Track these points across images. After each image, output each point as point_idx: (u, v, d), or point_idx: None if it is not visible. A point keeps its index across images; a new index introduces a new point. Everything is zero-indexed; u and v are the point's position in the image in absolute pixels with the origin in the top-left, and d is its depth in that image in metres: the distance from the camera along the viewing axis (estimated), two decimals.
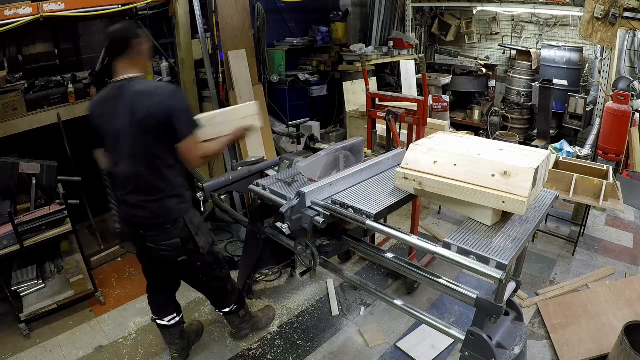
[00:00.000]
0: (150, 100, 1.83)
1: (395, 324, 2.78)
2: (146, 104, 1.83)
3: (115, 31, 1.92)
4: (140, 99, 1.84)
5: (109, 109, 1.91)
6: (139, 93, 1.86)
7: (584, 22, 4.54)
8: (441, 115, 5.50)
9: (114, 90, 1.92)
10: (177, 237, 2.03)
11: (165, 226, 2.00)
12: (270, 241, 2.51)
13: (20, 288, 2.81)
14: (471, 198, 1.63)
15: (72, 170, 3.15)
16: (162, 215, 1.98)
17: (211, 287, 2.41)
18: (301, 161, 2.17)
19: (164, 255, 2.07)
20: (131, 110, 1.84)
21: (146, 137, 1.86)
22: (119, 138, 1.90)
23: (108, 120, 1.92)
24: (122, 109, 1.86)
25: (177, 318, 2.42)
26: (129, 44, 1.89)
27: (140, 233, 2.04)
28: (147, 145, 1.88)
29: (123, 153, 1.92)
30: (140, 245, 2.13)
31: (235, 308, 2.51)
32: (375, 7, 6.05)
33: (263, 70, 4.86)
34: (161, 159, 1.92)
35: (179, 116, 1.85)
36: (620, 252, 3.52)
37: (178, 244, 2.04)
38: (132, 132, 1.86)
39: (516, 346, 1.72)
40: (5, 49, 3.40)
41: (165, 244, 2.03)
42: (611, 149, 4.46)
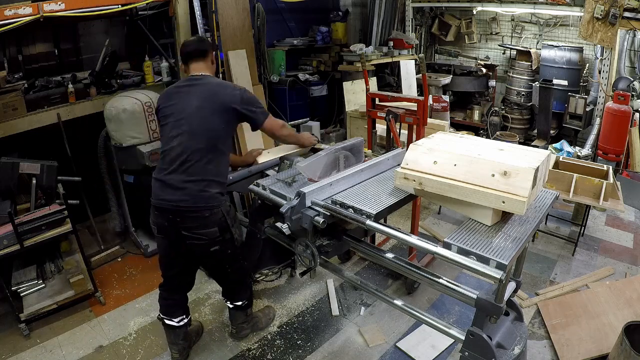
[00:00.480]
0: (227, 91, 2.13)
1: (395, 324, 2.78)
2: (224, 93, 2.11)
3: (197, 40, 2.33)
4: (219, 88, 2.14)
5: (183, 94, 2.13)
6: (217, 83, 2.18)
7: (584, 22, 4.54)
8: (441, 115, 5.50)
9: (190, 81, 2.17)
10: (215, 226, 2.08)
11: (205, 214, 2.04)
12: (270, 241, 2.51)
13: (20, 288, 2.81)
14: (471, 198, 1.63)
15: (72, 170, 3.15)
16: (202, 200, 2.02)
17: (233, 278, 2.43)
18: (301, 161, 2.17)
19: (198, 244, 2.10)
20: (208, 96, 2.09)
21: (215, 120, 2.06)
22: (186, 116, 2.07)
23: (179, 101, 2.11)
24: (198, 94, 2.10)
25: (186, 319, 2.43)
26: (209, 52, 2.25)
27: (175, 221, 2.05)
28: (213, 127, 2.06)
29: (186, 129, 2.05)
30: (172, 234, 2.12)
31: (246, 304, 2.53)
32: (375, 7, 6.05)
33: (263, 70, 4.87)
34: (219, 143, 2.09)
35: (254, 108, 2.17)
36: (620, 252, 3.52)
37: (216, 232, 2.09)
38: (203, 113, 2.06)
39: (516, 346, 1.72)
40: (5, 49, 3.40)
41: (203, 232, 2.07)
42: (611, 149, 4.46)
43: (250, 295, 2.56)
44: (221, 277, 2.47)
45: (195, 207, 2.03)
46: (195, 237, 2.08)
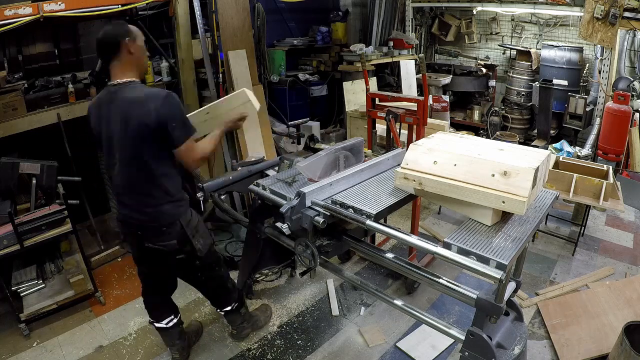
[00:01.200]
0: (142, 108, 1.79)
1: (395, 324, 2.78)
2: (138, 112, 1.80)
3: (103, 33, 1.86)
4: (132, 107, 1.81)
5: (104, 114, 1.91)
6: (131, 101, 1.82)
7: (584, 22, 4.54)
8: (441, 115, 5.50)
9: (108, 95, 1.90)
10: (173, 239, 2.03)
11: (162, 229, 2.00)
12: (270, 241, 2.51)
13: (20, 288, 2.81)
14: (471, 198, 1.63)
15: (72, 170, 3.15)
16: (157, 219, 1.99)
17: (210, 286, 2.42)
18: (301, 161, 2.17)
19: (161, 253, 2.08)
20: (124, 118, 1.83)
21: (139, 145, 1.84)
22: (112, 144, 1.91)
23: (103, 125, 1.92)
24: (115, 116, 1.86)
25: (175, 319, 2.41)
26: (119, 45, 1.84)
27: (137, 234, 2.05)
28: (140, 154, 1.86)
29: (119, 157, 1.91)
30: (138, 245, 2.12)
31: (236, 306, 2.52)
32: (375, 7, 6.05)
33: (263, 70, 4.86)
34: (154, 167, 1.90)
35: (172, 123, 1.82)
36: (620, 252, 3.51)
37: (175, 245, 2.04)
38: (125, 140, 1.85)
39: (516, 346, 1.72)
40: (5, 49, 3.40)
41: (163, 244, 2.03)
42: (611, 149, 4.46)
43: (238, 297, 2.53)
44: (199, 286, 2.44)
45: (152, 225, 2.00)
46: (158, 247, 2.05)
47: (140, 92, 1.85)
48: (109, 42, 1.85)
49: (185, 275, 2.37)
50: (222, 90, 3.72)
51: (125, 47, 1.86)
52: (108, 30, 1.88)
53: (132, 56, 1.89)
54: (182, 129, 1.86)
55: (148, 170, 1.90)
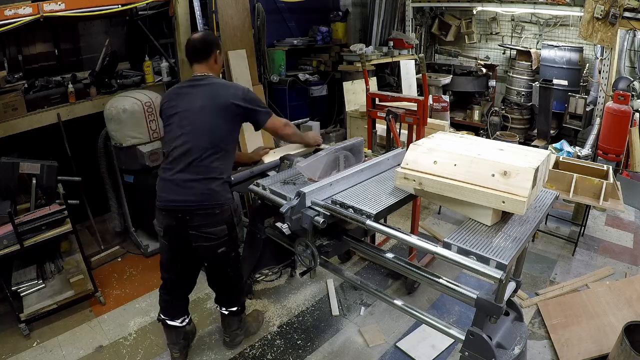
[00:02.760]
0: (229, 91, 2.13)
1: (395, 324, 2.78)
2: (226, 92, 2.11)
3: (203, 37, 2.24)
4: (221, 88, 2.14)
5: (186, 92, 2.14)
6: (220, 84, 2.17)
7: (584, 22, 4.54)
8: (441, 115, 5.50)
9: (192, 81, 2.17)
10: (223, 224, 2.09)
11: (215, 211, 2.05)
12: (270, 241, 2.51)
13: (20, 288, 2.81)
14: (471, 198, 1.63)
15: (72, 170, 3.15)
16: (209, 198, 2.03)
17: (232, 283, 2.41)
18: (301, 161, 2.17)
19: (205, 245, 2.10)
20: (211, 95, 2.09)
21: (218, 118, 2.07)
22: (189, 116, 2.07)
23: (183, 101, 2.11)
24: (201, 94, 2.10)
25: (187, 319, 2.43)
26: (211, 52, 2.20)
27: (184, 220, 2.05)
28: (216, 125, 2.06)
29: (190, 128, 2.05)
30: (179, 235, 2.12)
31: (239, 309, 2.51)
32: (375, 7, 6.05)
33: (263, 70, 4.86)
34: (223, 141, 2.09)
35: (256, 107, 2.17)
36: (620, 252, 3.52)
37: (224, 230, 2.10)
38: (206, 112, 2.06)
39: (516, 346, 1.72)
40: (5, 49, 3.40)
41: (212, 230, 2.07)
42: (611, 149, 4.46)
43: (244, 301, 2.54)
44: (221, 281, 2.43)
45: (204, 205, 2.03)
46: (204, 236, 2.08)
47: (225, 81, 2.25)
48: (204, 47, 2.19)
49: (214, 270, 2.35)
50: None
51: (214, 56, 2.22)
52: (206, 36, 2.26)
53: (215, 65, 2.26)
54: (264, 110, 2.24)
55: (216, 141, 2.06)
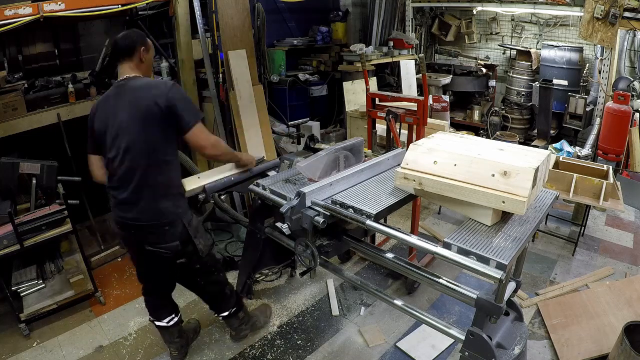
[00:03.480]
0: (150, 92, 1.88)
1: (395, 324, 2.78)
2: (147, 95, 1.88)
3: (120, 36, 1.99)
4: (141, 92, 1.90)
5: (111, 106, 1.95)
6: (139, 87, 1.92)
7: (584, 22, 4.54)
8: (441, 115, 5.50)
9: (115, 89, 1.98)
10: (176, 240, 2.02)
11: (164, 228, 1.98)
12: (270, 241, 2.51)
13: (20, 288, 2.81)
14: (471, 198, 1.63)
15: (72, 170, 3.14)
16: (158, 216, 1.96)
17: (209, 291, 2.41)
18: (301, 161, 2.17)
19: (162, 257, 2.06)
20: (133, 103, 1.88)
21: (147, 129, 1.88)
22: (119, 133, 1.91)
23: (109, 117, 1.94)
24: (123, 105, 1.91)
25: (176, 318, 2.42)
26: (134, 50, 1.97)
27: (137, 236, 2.02)
28: (147, 138, 1.89)
29: (122, 147, 1.90)
30: (137, 248, 2.11)
31: (234, 311, 2.51)
32: (375, 7, 6.05)
33: (263, 70, 4.86)
34: (160, 153, 1.93)
35: (181, 106, 1.90)
36: (620, 252, 3.51)
37: (177, 246, 2.03)
38: (133, 125, 1.88)
39: (516, 346, 1.72)
40: (5, 49, 3.40)
41: (164, 246, 2.01)
42: (611, 149, 4.46)
43: (235, 302, 2.51)
44: (198, 290, 2.43)
45: (152, 224, 1.97)
46: (159, 251, 2.03)
47: (147, 80, 1.99)
48: (126, 44, 1.97)
49: (185, 280, 2.37)
50: (222, 90, 3.72)
51: (139, 54, 1.99)
52: (128, 34, 2.02)
53: (142, 64, 2.03)
54: (191, 112, 1.94)
55: (153, 156, 1.92)
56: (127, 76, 1.97)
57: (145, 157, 1.91)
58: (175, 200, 2.01)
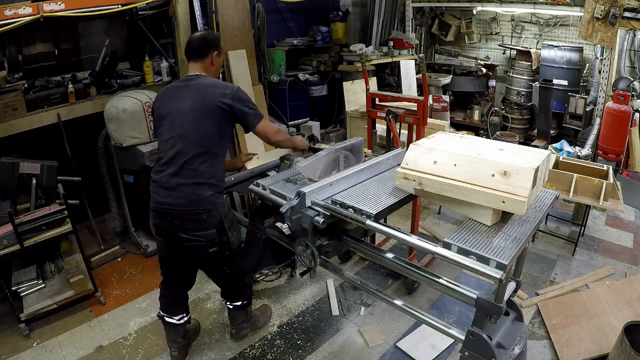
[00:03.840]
0: (219, 91, 2.05)
1: (395, 324, 2.78)
2: (217, 92, 2.05)
3: (197, 36, 2.20)
4: (210, 88, 2.07)
5: (177, 94, 2.10)
6: (210, 84, 2.10)
7: (584, 22, 4.54)
8: (441, 115, 5.50)
9: (183, 82, 2.15)
10: (213, 229, 2.08)
11: (202, 216, 2.04)
12: (270, 241, 2.51)
13: (20, 288, 2.81)
14: (471, 198, 1.63)
15: (72, 170, 3.15)
16: (197, 203, 2.02)
17: (232, 279, 2.43)
18: (301, 161, 2.17)
19: (196, 246, 2.11)
20: (199, 96, 2.04)
21: (206, 122, 2.03)
22: (178, 118, 2.04)
23: (173, 102, 2.08)
24: (190, 95, 2.06)
25: (186, 317, 2.45)
26: (207, 53, 2.15)
27: (174, 223, 2.06)
28: (205, 129, 2.02)
29: (179, 131, 2.03)
30: (170, 236, 2.14)
31: (245, 303, 2.53)
32: (375, 7, 6.05)
33: (263, 70, 4.86)
34: (212, 145, 2.05)
35: (248, 105, 2.09)
36: (620, 252, 3.52)
37: (214, 234, 2.10)
38: (194, 115, 2.02)
39: (516, 346, 1.72)
40: (5, 49, 3.40)
41: (201, 234, 2.07)
42: (611, 149, 4.46)
43: (250, 295, 2.57)
44: (220, 278, 2.47)
45: (191, 210, 2.03)
46: (193, 238, 2.08)
47: (215, 80, 2.17)
48: (200, 46, 2.15)
49: (210, 268, 2.40)
50: None
51: (211, 57, 2.18)
52: (205, 36, 2.21)
53: (212, 67, 2.21)
54: (255, 113, 2.14)
55: (206, 145, 2.03)
56: (197, 73, 2.13)
57: (198, 146, 2.02)
58: (216, 190, 2.09)
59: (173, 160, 2.03)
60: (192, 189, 2.02)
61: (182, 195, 2.02)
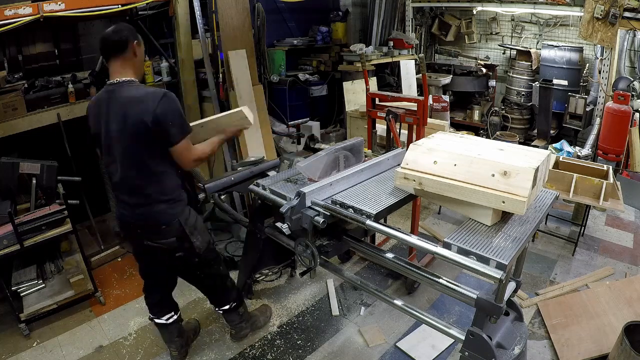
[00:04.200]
0: (140, 106, 1.82)
1: (395, 324, 2.78)
2: (136, 110, 1.82)
3: (110, 31, 1.90)
4: (130, 105, 1.84)
5: (103, 112, 1.92)
6: (128, 99, 1.85)
7: (584, 22, 4.54)
8: (441, 115, 5.50)
9: (106, 93, 1.93)
10: (172, 237, 2.05)
11: (161, 227, 2.03)
12: (270, 241, 2.51)
13: (20, 288, 2.81)
14: (471, 198, 1.63)
15: (72, 170, 3.14)
16: (154, 218, 2.01)
17: (209, 284, 2.42)
18: (301, 161, 2.17)
19: (160, 251, 2.10)
20: (122, 116, 1.85)
21: (136, 144, 1.87)
22: (111, 142, 1.92)
23: (102, 123, 1.93)
24: (114, 115, 1.88)
25: (175, 316, 2.43)
26: (127, 44, 1.90)
27: (136, 232, 2.08)
28: (137, 152, 1.89)
29: (114, 157, 1.94)
30: (137, 243, 2.16)
31: (234, 305, 2.52)
32: (375, 7, 6.05)
33: (263, 70, 4.86)
34: (151, 165, 1.92)
35: (169, 122, 1.84)
36: (620, 252, 3.51)
37: (174, 243, 2.07)
38: (123, 138, 1.87)
39: (516, 346, 1.72)
40: (5, 49, 3.40)
41: (162, 242, 2.06)
42: (611, 149, 4.46)
43: (236, 296, 2.52)
44: (198, 283, 2.45)
45: (150, 224, 2.02)
46: (156, 245, 2.08)
47: (138, 91, 1.89)
48: (117, 40, 1.88)
49: (184, 273, 2.39)
50: (222, 90, 3.72)
51: (132, 48, 1.92)
52: (118, 28, 1.92)
53: (135, 58, 1.96)
54: (178, 128, 1.88)
55: (145, 168, 1.92)
56: (118, 80, 1.90)
57: (136, 169, 1.92)
58: (169, 203, 2.01)
59: (121, 184, 1.98)
60: (145, 207, 1.99)
61: (139, 212, 2.00)
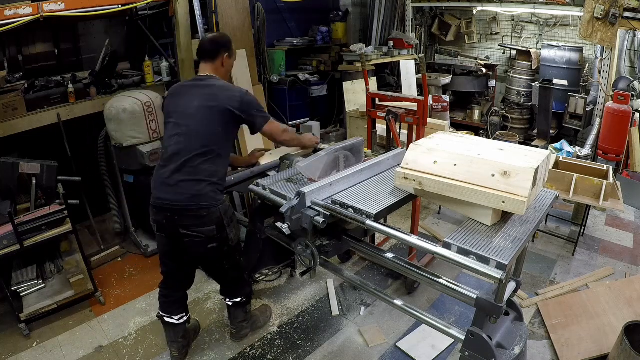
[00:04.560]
0: (227, 93, 2.12)
1: (395, 324, 2.78)
2: (223, 95, 2.11)
3: (208, 39, 2.27)
4: (219, 91, 2.13)
5: (186, 92, 2.17)
6: (218, 86, 2.15)
7: (584, 22, 4.54)
8: (441, 115, 5.50)
9: (194, 80, 2.22)
10: (212, 225, 2.10)
11: (202, 213, 2.06)
12: (270, 241, 2.51)
13: (20, 288, 2.81)
14: (471, 198, 1.63)
15: (72, 170, 3.15)
16: (197, 199, 2.04)
17: (231, 275, 2.43)
18: (301, 161, 2.17)
19: (195, 241, 2.12)
20: (207, 97, 2.10)
21: (212, 122, 2.08)
22: (187, 115, 2.10)
23: (182, 100, 2.15)
24: (199, 95, 2.12)
25: (185, 317, 2.45)
26: (215, 54, 2.21)
27: (173, 218, 2.08)
28: (211, 128, 2.08)
29: (185, 129, 2.09)
30: (170, 232, 2.15)
31: (245, 301, 2.53)
32: (375, 7, 6.05)
33: (263, 70, 4.86)
34: (217, 145, 2.10)
35: (253, 111, 2.16)
36: (620, 252, 3.52)
37: (213, 230, 2.11)
38: (201, 115, 2.08)
39: (516, 346, 1.72)
40: (5, 49, 3.40)
41: (200, 230, 2.09)
42: (611, 149, 4.46)
43: (249, 292, 2.57)
44: (219, 274, 2.47)
45: (191, 206, 2.05)
46: (193, 234, 2.10)
47: (226, 83, 2.22)
48: (210, 49, 2.22)
49: (210, 264, 2.40)
50: None
51: (221, 59, 2.24)
52: (216, 38, 2.29)
53: (222, 68, 2.27)
54: (262, 116, 2.21)
55: (211, 144, 2.08)
56: (207, 74, 2.20)
57: (201, 145, 2.06)
58: (216, 188, 2.11)
59: (175, 157, 2.06)
60: (192, 185, 2.04)
61: (182, 191, 2.04)
